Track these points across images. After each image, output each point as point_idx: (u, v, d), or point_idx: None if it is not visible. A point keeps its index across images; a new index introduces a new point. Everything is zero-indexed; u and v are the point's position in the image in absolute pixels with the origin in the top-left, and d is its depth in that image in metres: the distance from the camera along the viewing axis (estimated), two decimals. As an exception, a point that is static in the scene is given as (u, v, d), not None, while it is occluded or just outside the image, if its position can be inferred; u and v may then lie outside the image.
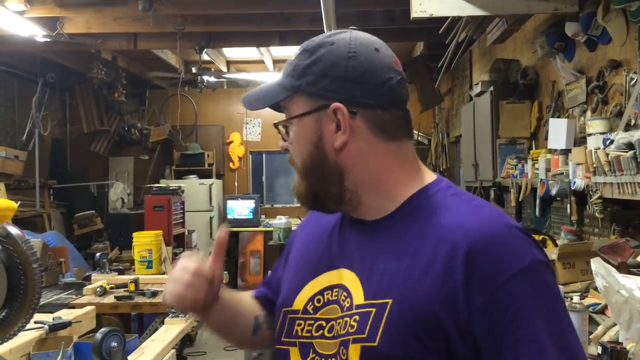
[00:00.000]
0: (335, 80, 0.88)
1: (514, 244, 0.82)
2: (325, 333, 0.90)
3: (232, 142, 9.14)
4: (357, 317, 0.86)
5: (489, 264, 0.80)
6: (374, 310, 0.84)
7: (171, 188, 6.78)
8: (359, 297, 0.87)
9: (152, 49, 6.55)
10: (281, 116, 0.97)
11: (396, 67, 0.92)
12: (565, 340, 0.79)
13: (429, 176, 0.94)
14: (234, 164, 9.15)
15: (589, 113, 3.51)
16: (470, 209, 0.87)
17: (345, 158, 0.90)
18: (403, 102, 0.92)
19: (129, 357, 1.94)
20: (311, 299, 0.94)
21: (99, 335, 1.84)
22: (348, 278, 0.91)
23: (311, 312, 0.93)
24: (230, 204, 8.62)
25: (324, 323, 0.91)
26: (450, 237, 0.83)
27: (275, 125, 0.96)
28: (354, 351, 0.85)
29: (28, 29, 5.01)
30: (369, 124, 0.89)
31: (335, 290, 0.92)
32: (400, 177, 0.92)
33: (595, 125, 3.14)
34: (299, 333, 0.94)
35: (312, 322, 0.92)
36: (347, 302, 0.89)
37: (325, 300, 0.93)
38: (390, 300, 0.84)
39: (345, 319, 0.88)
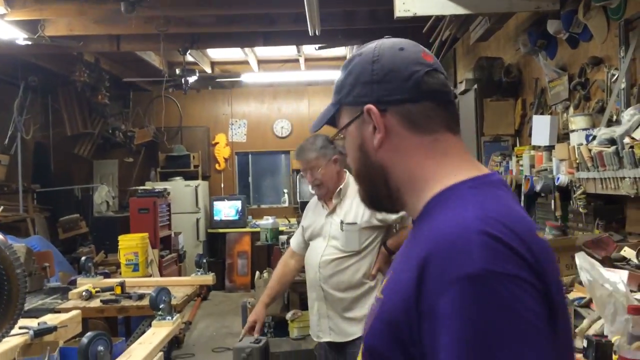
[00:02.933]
0: (364, 86, 0.92)
1: (469, 250, 0.73)
2: None
3: (217, 143, 9.11)
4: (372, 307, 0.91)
5: (437, 270, 0.75)
6: (377, 304, 0.88)
7: (157, 190, 6.74)
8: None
9: (135, 50, 6.50)
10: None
11: (424, 60, 0.92)
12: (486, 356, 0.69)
13: (471, 172, 0.88)
14: (219, 165, 9.12)
15: (571, 109, 3.55)
16: (459, 210, 0.81)
17: (384, 156, 0.92)
18: (435, 91, 0.91)
19: (116, 361, 1.92)
20: None
21: (85, 339, 1.82)
22: None
23: None
24: (217, 205, 8.59)
25: None
26: (424, 242, 0.80)
27: (332, 139, 1.02)
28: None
29: (9, 32, 4.95)
30: (401, 119, 0.90)
31: None
32: (433, 173, 0.90)
33: (577, 122, 3.17)
34: None
35: None
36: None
37: None
38: (382, 298, 0.86)
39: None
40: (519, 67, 4.52)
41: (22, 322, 2.29)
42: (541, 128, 3.65)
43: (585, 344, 1.78)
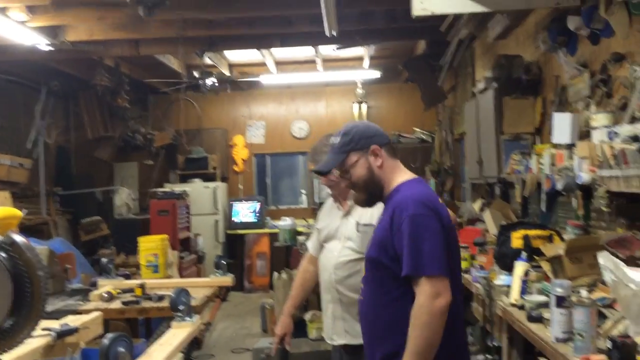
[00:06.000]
0: (367, 138, 1.93)
1: (410, 205, 1.77)
2: None
3: (235, 144, 9.15)
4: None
5: (398, 214, 1.79)
6: (373, 235, 1.94)
7: (176, 192, 6.80)
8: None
9: (155, 54, 6.56)
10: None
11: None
12: (419, 243, 1.73)
13: (408, 176, 1.94)
14: (238, 167, 9.16)
15: (593, 107, 3.49)
16: (409, 192, 1.84)
17: (380, 172, 1.92)
18: (389, 140, 2.00)
19: (136, 362, 1.94)
20: None
21: (106, 341, 1.84)
22: None
23: None
24: (235, 206, 8.63)
25: None
26: (395, 202, 1.84)
27: (343, 171, 1.96)
28: None
29: (31, 38, 5.03)
30: (387, 151, 1.95)
31: None
32: (395, 177, 1.93)
33: (599, 119, 3.12)
34: None
35: None
36: None
37: None
38: (376, 231, 1.93)
39: None
40: (539, 65, 4.46)
41: (44, 323, 2.32)
42: (562, 126, 3.60)
43: (609, 345, 1.75)
